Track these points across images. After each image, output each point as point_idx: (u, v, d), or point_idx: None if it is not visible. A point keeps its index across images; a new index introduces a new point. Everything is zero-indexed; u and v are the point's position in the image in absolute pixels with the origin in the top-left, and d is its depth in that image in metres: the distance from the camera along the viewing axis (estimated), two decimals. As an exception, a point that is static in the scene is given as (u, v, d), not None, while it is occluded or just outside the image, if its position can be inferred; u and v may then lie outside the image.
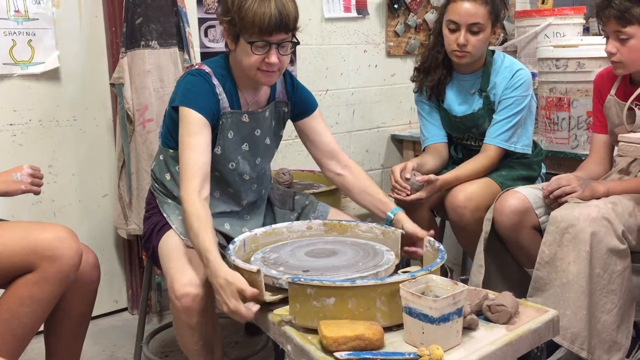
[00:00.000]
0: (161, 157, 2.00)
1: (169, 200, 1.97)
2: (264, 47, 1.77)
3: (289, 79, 2.04)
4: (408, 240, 1.87)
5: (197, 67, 1.92)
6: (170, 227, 1.91)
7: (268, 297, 1.56)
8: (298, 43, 1.88)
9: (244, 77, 1.89)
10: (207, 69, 1.89)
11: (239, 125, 1.92)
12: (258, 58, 1.78)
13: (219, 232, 1.91)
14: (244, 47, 1.79)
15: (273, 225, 1.95)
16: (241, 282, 1.53)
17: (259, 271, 1.54)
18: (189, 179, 1.73)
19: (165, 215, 1.94)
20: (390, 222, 1.95)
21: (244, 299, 1.53)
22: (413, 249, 1.86)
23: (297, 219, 2.09)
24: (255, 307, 1.54)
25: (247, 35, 1.76)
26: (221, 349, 1.87)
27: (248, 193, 2.01)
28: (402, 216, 1.93)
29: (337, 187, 2.16)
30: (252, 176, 1.99)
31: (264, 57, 1.78)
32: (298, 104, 2.05)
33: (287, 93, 2.03)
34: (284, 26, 1.76)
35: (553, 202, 2.06)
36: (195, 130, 1.79)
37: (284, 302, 1.57)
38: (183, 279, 1.71)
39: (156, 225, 1.94)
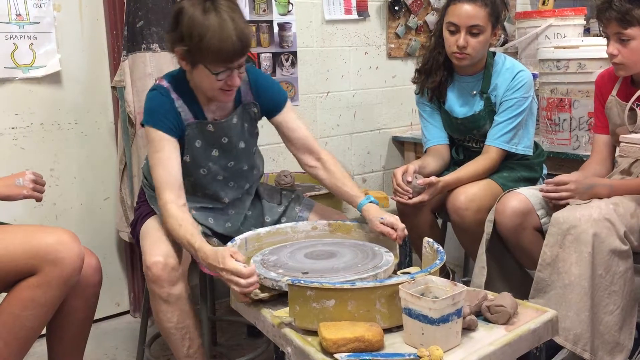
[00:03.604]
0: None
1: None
2: (225, 72, 1.81)
3: (253, 79, 2.02)
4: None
5: (157, 82, 1.96)
6: (154, 214, 2.01)
7: (255, 293, 1.58)
8: (251, 60, 1.93)
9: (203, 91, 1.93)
10: (165, 83, 1.92)
11: (204, 134, 1.95)
12: (220, 82, 1.82)
13: (204, 226, 1.99)
14: (203, 72, 1.82)
15: (277, 225, 1.98)
16: (229, 249, 1.65)
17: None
18: (160, 193, 1.85)
19: (152, 206, 2.03)
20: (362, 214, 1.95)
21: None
22: (387, 229, 1.84)
23: (284, 211, 2.14)
24: (252, 265, 1.62)
25: (209, 65, 1.79)
26: (199, 337, 1.90)
27: (227, 192, 2.05)
28: (369, 207, 1.92)
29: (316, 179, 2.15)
30: (225, 176, 2.03)
31: (225, 81, 1.82)
32: (266, 103, 2.05)
33: (253, 94, 2.03)
34: (245, 51, 1.82)
35: (553, 204, 2.06)
36: (158, 147, 1.87)
37: (281, 302, 1.57)
38: (154, 251, 1.84)
39: (141, 214, 2.04)
